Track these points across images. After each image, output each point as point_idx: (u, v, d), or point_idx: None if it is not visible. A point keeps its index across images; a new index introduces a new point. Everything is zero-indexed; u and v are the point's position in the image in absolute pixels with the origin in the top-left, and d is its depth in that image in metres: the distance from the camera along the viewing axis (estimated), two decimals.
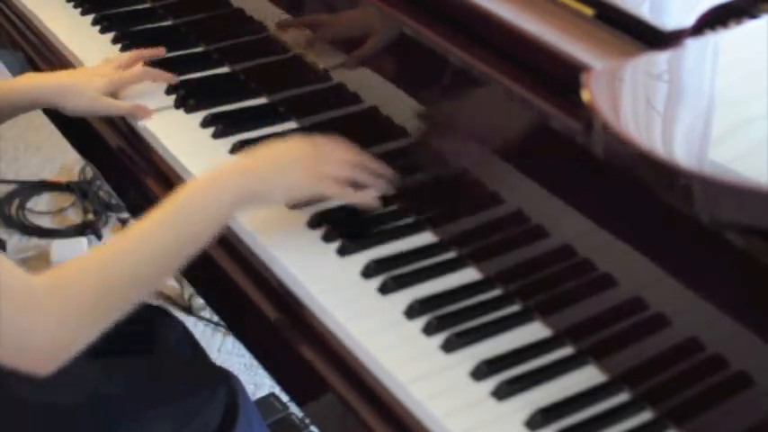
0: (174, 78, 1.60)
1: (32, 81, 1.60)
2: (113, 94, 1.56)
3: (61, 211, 2.90)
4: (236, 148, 1.46)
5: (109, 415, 1.38)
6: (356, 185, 1.29)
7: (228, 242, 1.33)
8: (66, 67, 1.71)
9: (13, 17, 1.89)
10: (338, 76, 1.44)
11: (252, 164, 1.25)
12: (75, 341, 1.10)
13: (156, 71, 1.61)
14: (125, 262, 1.11)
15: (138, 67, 1.61)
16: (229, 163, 1.26)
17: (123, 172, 1.59)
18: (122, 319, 1.60)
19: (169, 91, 1.60)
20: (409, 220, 1.33)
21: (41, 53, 1.80)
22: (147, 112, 1.54)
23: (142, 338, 1.60)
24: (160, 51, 1.65)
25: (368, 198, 1.30)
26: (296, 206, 1.34)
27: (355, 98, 1.41)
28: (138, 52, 1.64)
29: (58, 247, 2.73)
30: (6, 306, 1.04)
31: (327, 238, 1.30)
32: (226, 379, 1.49)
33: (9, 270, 1.07)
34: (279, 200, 1.29)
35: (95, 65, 1.65)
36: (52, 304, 1.07)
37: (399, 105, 1.34)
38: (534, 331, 1.18)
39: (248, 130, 1.51)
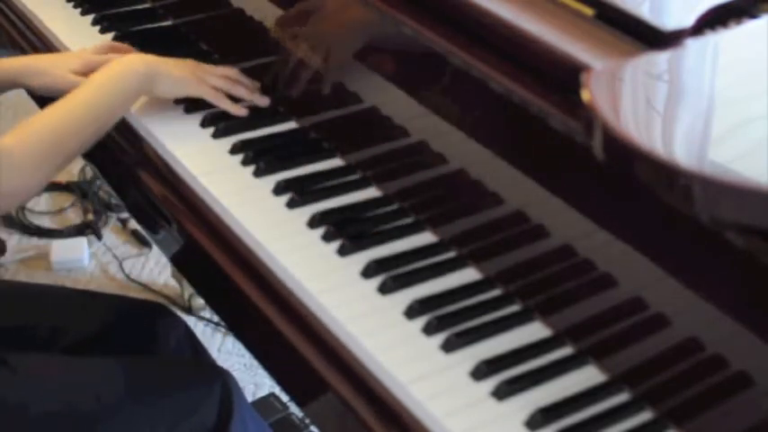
0: None
1: (1, 63, 1.61)
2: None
3: (61, 210, 2.90)
4: (237, 148, 1.46)
5: (106, 412, 1.38)
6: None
7: (228, 242, 1.34)
8: None
9: (13, 17, 1.89)
10: (337, 76, 1.44)
11: (148, 58, 1.51)
12: (36, 184, 1.40)
13: None
14: (66, 128, 1.39)
15: (116, 55, 1.60)
16: (131, 56, 1.53)
17: (123, 171, 1.59)
18: (125, 318, 1.62)
19: None
20: (409, 220, 1.33)
21: (41, 53, 1.79)
22: None
23: (143, 337, 1.60)
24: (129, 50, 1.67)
25: (239, 110, 1.53)
26: (293, 206, 1.34)
27: (355, 98, 1.41)
28: (115, 45, 1.67)
29: (58, 247, 2.74)
30: None
31: (327, 237, 1.30)
32: (220, 376, 1.49)
33: None
34: (165, 90, 1.50)
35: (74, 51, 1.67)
36: (24, 159, 1.34)
37: (399, 105, 1.34)
38: (534, 331, 1.18)
39: (248, 130, 1.51)
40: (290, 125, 1.53)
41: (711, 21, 1.10)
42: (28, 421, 1.35)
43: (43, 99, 1.63)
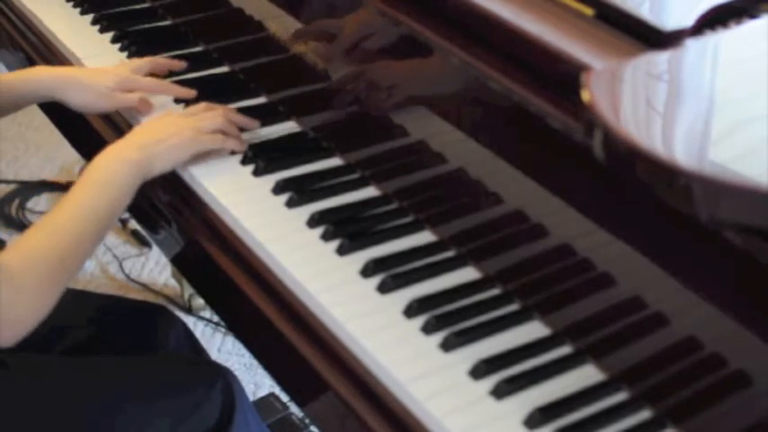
0: (193, 94, 1.57)
1: (39, 72, 1.59)
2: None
3: None
4: None
5: (107, 411, 1.38)
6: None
7: (228, 242, 1.34)
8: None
9: (12, 17, 1.89)
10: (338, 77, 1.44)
11: (137, 138, 1.38)
12: (42, 310, 1.24)
13: (173, 86, 1.58)
14: (69, 240, 1.26)
15: (154, 79, 1.57)
16: (119, 142, 1.38)
17: None
18: (123, 319, 1.62)
19: None
20: (408, 219, 1.33)
21: (41, 53, 1.80)
22: (149, 106, 1.54)
23: (143, 337, 1.60)
24: (179, 65, 1.62)
25: (237, 143, 1.44)
26: (292, 206, 1.34)
27: (354, 98, 1.41)
28: (155, 62, 1.61)
29: None
30: None
31: (326, 237, 1.30)
32: (221, 374, 1.49)
33: None
34: (166, 165, 1.38)
35: (112, 66, 1.61)
36: (26, 281, 1.21)
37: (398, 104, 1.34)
38: (533, 330, 1.18)
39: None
40: (290, 125, 1.53)
41: (711, 21, 1.10)
42: (28, 422, 1.35)
43: (48, 103, 1.63)
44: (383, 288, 1.22)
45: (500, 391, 1.09)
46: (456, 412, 1.07)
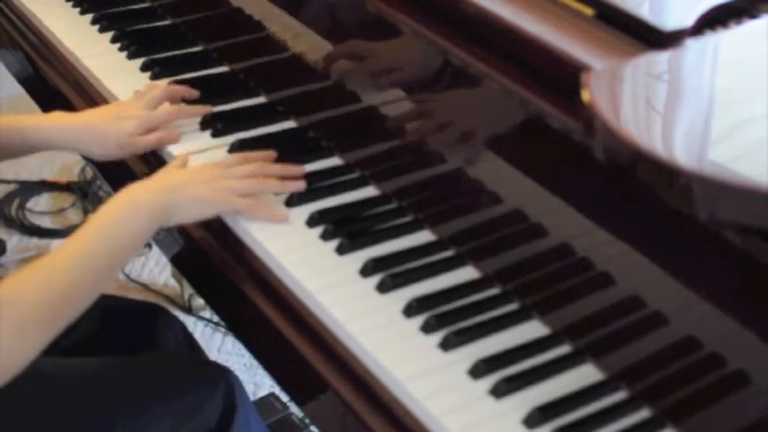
0: (209, 110, 1.53)
1: (55, 120, 1.51)
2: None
3: (61, 211, 2.90)
4: (235, 147, 1.46)
5: (108, 413, 1.38)
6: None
7: (227, 242, 1.34)
8: (65, 66, 1.71)
9: (12, 17, 1.89)
10: (337, 76, 1.44)
11: (157, 182, 1.31)
12: (31, 352, 1.18)
13: (190, 108, 1.54)
14: (67, 279, 1.20)
15: (169, 107, 1.52)
16: (137, 184, 1.30)
17: (122, 172, 1.59)
18: (122, 319, 1.61)
19: None
20: (407, 219, 1.33)
21: (41, 53, 1.80)
22: (175, 138, 1.49)
23: (141, 337, 1.60)
24: (193, 93, 1.56)
25: (280, 215, 1.33)
26: (292, 205, 1.34)
27: (354, 97, 1.41)
28: (170, 91, 1.54)
29: None
30: None
31: (326, 236, 1.30)
32: (223, 375, 1.49)
33: None
34: (186, 216, 1.31)
35: (124, 102, 1.55)
36: (11, 319, 1.14)
37: (397, 104, 1.34)
38: (532, 329, 1.18)
39: (247, 129, 1.51)
40: (289, 124, 1.53)
41: (711, 21, 1.10)
42: (28, 421, 1.35)
43: (48, 103, 1.62)
44: (382, 287, 1.22)
45: (499, 391, 1.09)
46: (455, 411, 1.07)
